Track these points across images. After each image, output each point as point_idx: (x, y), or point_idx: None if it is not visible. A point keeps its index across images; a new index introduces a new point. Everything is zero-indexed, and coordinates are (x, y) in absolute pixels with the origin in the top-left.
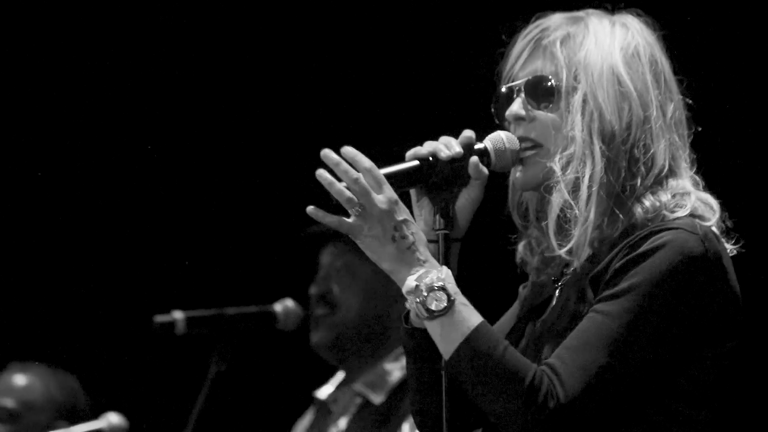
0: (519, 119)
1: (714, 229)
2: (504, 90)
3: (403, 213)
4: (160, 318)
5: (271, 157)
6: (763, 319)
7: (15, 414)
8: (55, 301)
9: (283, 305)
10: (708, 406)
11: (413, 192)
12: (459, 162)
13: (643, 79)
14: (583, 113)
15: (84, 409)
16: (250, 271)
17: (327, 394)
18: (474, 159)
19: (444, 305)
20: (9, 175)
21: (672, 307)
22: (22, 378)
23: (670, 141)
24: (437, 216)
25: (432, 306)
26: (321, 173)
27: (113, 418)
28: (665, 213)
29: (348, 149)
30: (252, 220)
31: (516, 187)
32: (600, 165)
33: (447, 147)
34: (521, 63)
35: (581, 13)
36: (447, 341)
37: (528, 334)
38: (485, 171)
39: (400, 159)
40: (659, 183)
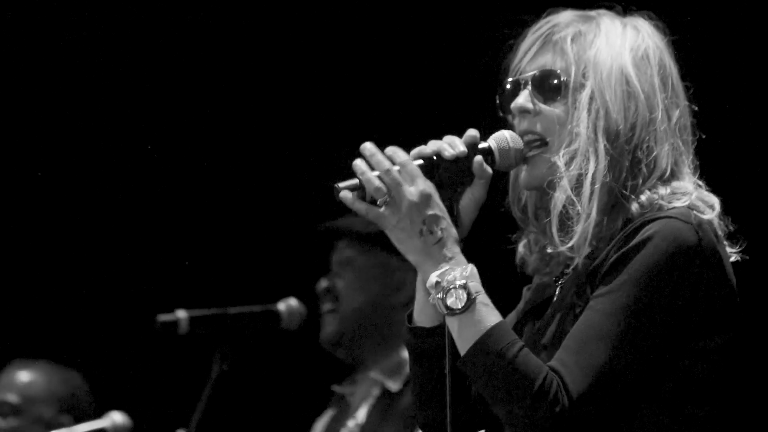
0: (524, 112)
1: (713, 223)
2: (510, 82)
3: (435, 208)
4: (163, 317)
5: (274, 157)
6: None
7: (17, 408)
8: (59, 301)
9: (287, 304)
10: (710, 402)
11: None
12: (463, 161)
13: (651, 82)
14: (590, 110)
15: (87, 405)
16: (253, 271)
17: (346, 387)
18: (478, 158)
19: (463, 303)
20: (10, 175)
21: (666, 299)
22: (24, 373)
23: (673, 145)
24: None
25: (451, 303)
26: (357, 162)
27: (116, 417)
28: (661, 203)
29: (389, 147)
30: (255, 219)
31: (521, 186)
32: (603, 163)
33: (451, 146)
34: (530, 57)
35: (593, 13)
36: (463, 339)
37: (527, 334)
38: (489, 170)
39: None
40: (660, 184)
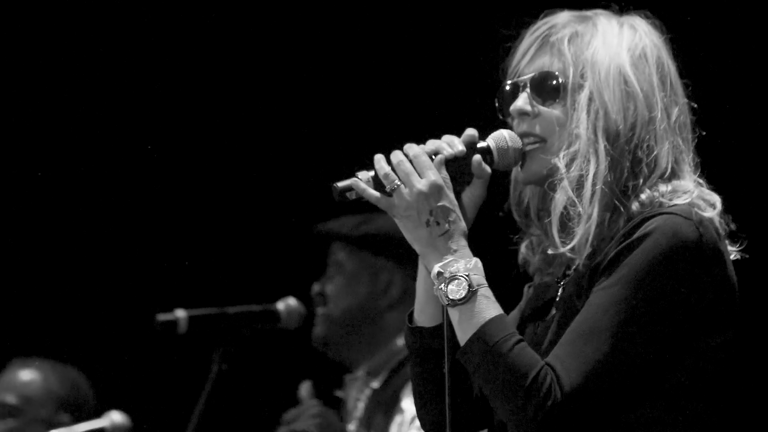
0: (523, 114)
1: (714, 221)
2: (509, 85)
3: (444, 200)
4: (162, 317)
5: (274, 157)
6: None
7: (15, 409)
8: (58, 300)
9: (286, 304)
10: (706, 399)
11: None
12: (461, 161)
13: (650, 81)
14: (589, 111)
15: (88, 402)
16: (252, 270)
17: (342, 390)
18: (477, 157)
19: (464, 294)
20: (10, 175)
21: (664, 294)
22: (22, 373)
23: (673, 144)
24: None
25: (452, 294)
26: (377, 156)
27: (116, 416)
28: (662, 200)
29: (406, 144)
30: (254, 218)
31: (518, 182)
32: (604, 163)
33: (450, 145)
34: (528, 59)
35: (589, 13)
36: (461, 330)
37: (530, 334)
38: (488, 169)
39: None
40: (661, 182)
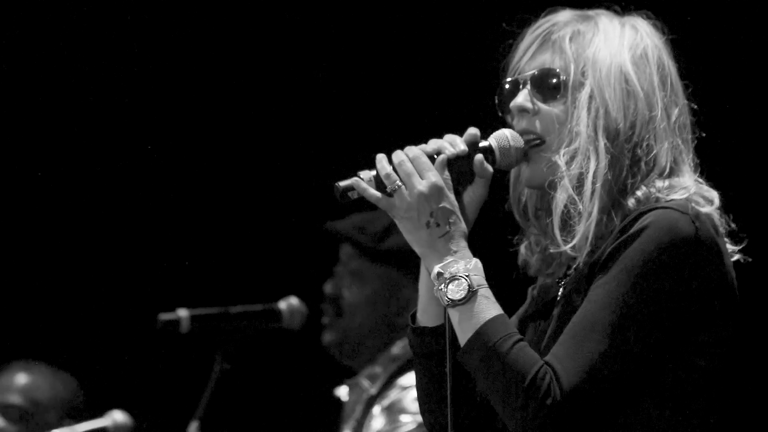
0: (523, 111)
1: (711, 216)
2: (509, 82)
3: (445, 201)
4: (164, 316)
5: (276, 156)
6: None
7: (26, 413)
8: (60, 300)
9: (288, 303)
10: (706, 396)
11: None
12: (463, 160)
13: (650, 80)
14: (589, 109)
15: (84, 408)
16: (254, 270)
17: (344, 393)
18: (479, 157)
19: (464, 294)
20: (10, 175)
21: (661, 289)
22: (28, 377)
23: (673, 144)
24: None
25: (452, 294)
26: (379, 156)
27: (118, 416)
28: (658, 196)
29: (408, 147)
30: (256, 218)
31: (522, 183)
32: (604, 161)
33: (451, 145)
34: (529, 56)
35: (591, 12)
36: (461, 331)
37: (531, 334)
38: (490, 169)
39: None
40: (658, 179)
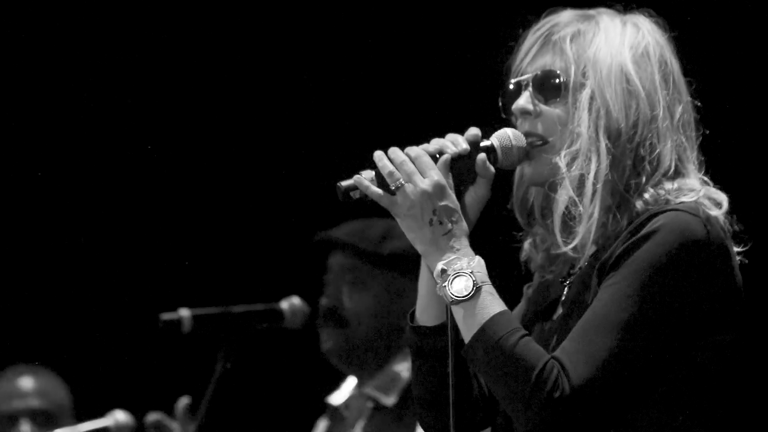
0: (525, 113)
1: (720, 220)
2: (512, 84)
3: (447, 200)
4: (166, 316)
5: (277, 156)
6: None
7: (52, 415)
8: (61, 299)
9: (290, 303)
10: (713, 398)
11: None
12: (465, 159)
13: (652, 79)
14: (590, 110)
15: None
16: (256, 269)
17: (339, 400)
18: (481, 156)
19: (468, 291)
20: (10, 175)
21: (672, 290)
22: (34, 380)
23: (677, 142)
24: None
25: (456, 291)
26: (377, 153)
27: (119, 415)
28: (668, 198)
29: (408, 148)
30: (258, 217)
31: (524, 182)
32: (605, 162)
33: (454, 144)
34: (530, 58)
35: (592, 12)
36: (466, 327)
37: (537, 334)
38: (492, 168)
39: None
40: (666, 181)
